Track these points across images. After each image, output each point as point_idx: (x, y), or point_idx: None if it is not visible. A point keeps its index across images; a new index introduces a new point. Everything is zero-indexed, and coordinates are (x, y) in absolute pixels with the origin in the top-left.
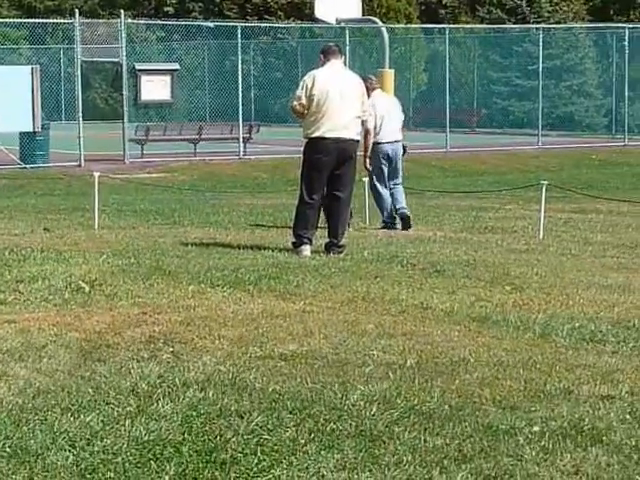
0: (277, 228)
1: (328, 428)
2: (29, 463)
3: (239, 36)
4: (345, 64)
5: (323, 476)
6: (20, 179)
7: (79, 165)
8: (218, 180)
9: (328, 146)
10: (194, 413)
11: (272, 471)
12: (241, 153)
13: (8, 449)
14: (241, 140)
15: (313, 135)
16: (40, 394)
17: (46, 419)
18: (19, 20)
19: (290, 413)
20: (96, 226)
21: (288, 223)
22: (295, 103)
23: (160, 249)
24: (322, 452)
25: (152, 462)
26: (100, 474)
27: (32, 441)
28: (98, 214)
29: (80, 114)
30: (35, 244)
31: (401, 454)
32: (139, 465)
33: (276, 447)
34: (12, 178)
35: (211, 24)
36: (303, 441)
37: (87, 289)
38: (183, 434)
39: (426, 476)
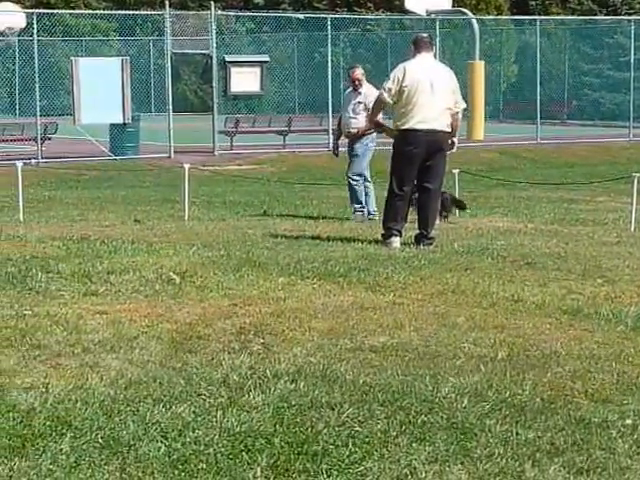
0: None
1: (419, 420)
2: (121, 454)
3: (329, 28)
4: (435, 56)
5: (415, 469)
6: (110, 171)
7: (169, 157)
8: (307, 172)
9: (419, 138)
10: (285, 405)
11: (363, 463)
12: (330, 145)
13: (101, 440)
14: (330, 132)
15: (404, 127)
16: (132, 385)
17: (138, 410)
18: (109, 12)
19: (381, 405)
20: (186, 218)
21: (377, 215)
22: (385, 95)
23: (250, 241)
24: (413, 444)
25: (244, 453)
26: (192, 465)
27: (124, 432)
28: (188, 206)
29: (170, 106)
30: (126, 235)
31: (493, 447)
32: (231, 456)
33: (367, 439)
34: (102, 170)
35: (301, 16)
36: (394, 433)
37: (178, 280)
38: (274, 425)
39: (518, 469)
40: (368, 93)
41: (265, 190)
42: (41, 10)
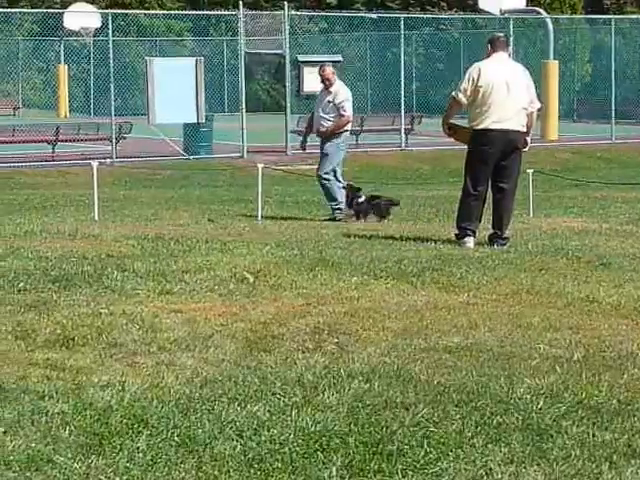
0: (439, 220)
1: (494, 421)
2: (197, 452)
3: (402, 27)
4: (509, 55)
5: (490, 470)
6: (184, 170)
7: (241, 156)
8: (379, 171)
9: (494, 138)
10: (360, 404)
11: (439, 464)
12: (403, 144)
13: (177, 438)
14: (403, 131)
15: (479, 127)
16: (207, 384)
17: (213, 409)
18: (183, 12)
19: (456, 406)
20: (259, 217)
21: (450, 215)
22: (460, 95)
23: (323, 240)
24: (489, 445)
25: (319, 453)
26: (267, 464)
27: (200, 430)
28: (261, 205)
29: (243, 106)
30: (200, 235)
31: (569, 448)
32: (306, 455)
33: (442, 440)
34: (176, 169)
35: (374, 15)
36: (469, 434)
37: (252, 280)
38: (349, 425)
39: (595, 471)
40: (338, 92)
41: None
42: (116, 10)
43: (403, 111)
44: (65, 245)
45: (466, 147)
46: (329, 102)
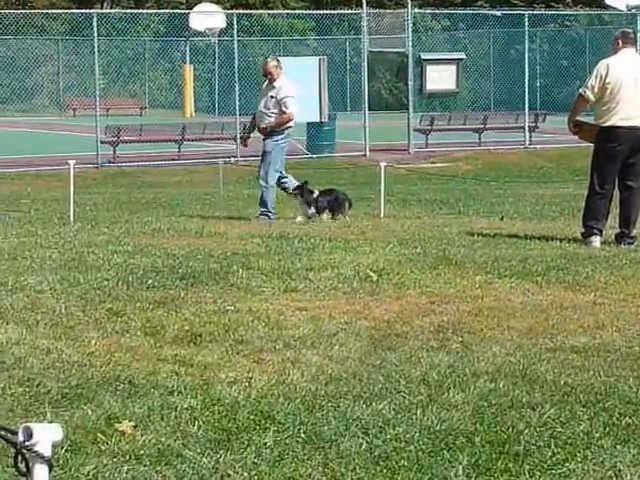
0: (564, 218)
1: (623, 422)
2: (323, 449)
3: (526, 24)
4: (637, 51)
5: (619, 471)
6: (306, 169)
7: (364, 155)
8: (503, 169)
9: (622, 135)
10: (485, 404)
11: (566, 464)
12: (526, 142)
13: (303, 435)
14: (527, 129)
15: (606, 124)
16: (332, 381)
17: (339, 406)
18: (307, 12)
19: (583, 406)
20: (382, 215)
21: (576, 213)
22: (587, 92)
23: (446, 239)
24: (617, 446)
25: (445, 451)
26: (393, 462)
27: (325, 427)
28: (384, 203)
29: (366, 104)
30: (323, 233)
31: None
32: (432, 454)
33: (570, 440)
34: (299, 168)
35: (498, 12)
36: (597, 435)
37: (375, 278)
38: (475, 424)
39: None
40: (281, 87)
41: (461, 188)
42: (241, 11)
43: (527, 109)
44: (192, 243)
45: (592, 145)
46: (272, 97)
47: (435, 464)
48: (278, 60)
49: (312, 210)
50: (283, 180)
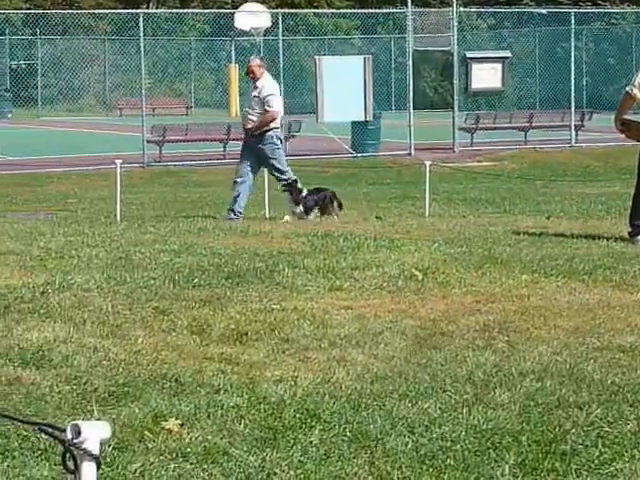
0: (611, 217)
1: None
2: (369, 448)
3: (572, 22)
4: None
5: None
6: (352, 168)
7: (409, 154)
8: (548, 168)
9: None
10: (532, 403)
11: (614, 464)
12: (572, 141)
13: (349, 433)
14: (572, 128)
15: None
16: (378, 380)
17: (384, 405)
18: (352, 11)
19: (630, 406)
20: (427, 214)
21: (622, 212)
22: (635, 90)
23: (491, 238)
24: None
25: (491, 451)
26: (439, 460)
27: (371, 426)
28: (428, 202)
29: (411, 103)
30: (368, 232)
31: None
32: (478, 453)
33: (617, 440)
34: (344, 167)
35: (544, 11)
36: None
37: (420, 277)
38: (521, 424)
39: None
40: (264, 86)
41: (506, 187)
42: (286, 10)
43: (573, 107)
44: (237, 242)
45: (639, 143)
46: (255, 97)
47: (481, 463)
48: (261, 59)
49: (300, 209)
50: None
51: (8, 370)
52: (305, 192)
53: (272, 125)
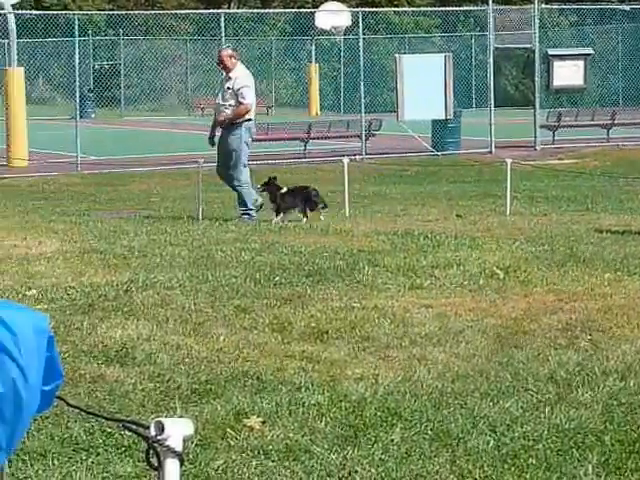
0: None
1: None
2: (450, 446)
3: None
4: None
5: None
6: (432, 166)
7: (490, 152)
8: (631, 166)
9: None
10: (615, 402)
11: None
12: None
13: (430, 432)
14: None
15: None
16: (459, 378)
17: (466, 403)
18: (432, 9)
19: None
20: (508, 212)
21: None
22: None
23: (573, 236)
24: None
25: (574, 450)
26: (521, 460)
27: (452, 425)
28: (510, 201)
29: (491, 101)
30: (448, 230)
31: None
32: (560, 452)
33: None
34: (424, 165)
35: (627, 7)
36: None
37: (501, 275)
38: (604, 423)
39: None
40: (237, 78)
41: (588, 185)
42: (366, 9)
43: None
44: (317, 240)
45: None
46: (228, 89)
47: (564, 463)
48: (233, 49)
49: (275, 207)
50: (247, 183)
51: (92, 367)
52: (284, 190)
53: (245, 117)
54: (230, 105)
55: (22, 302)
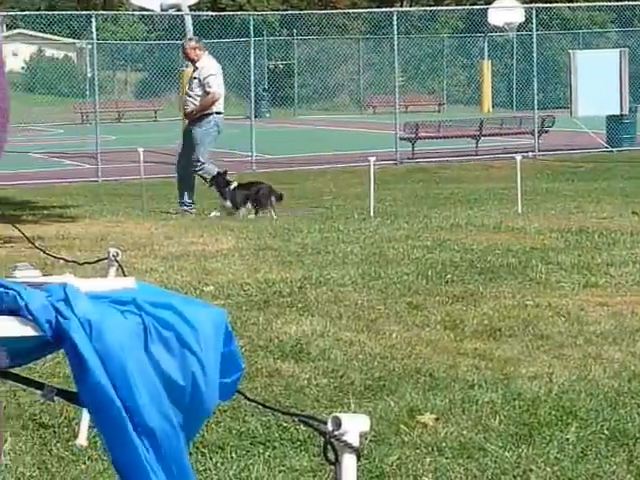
0: None
1: None
2: (627, 446)
3: None
4: None
5: None
6: (607, 162)
7: None
8: None
9: None
10: None
11: None
12: None
13: (606, 431)
14: None
15: None
16: (635, 378)
17: None
18: (607, 3)
19: None
20: None
21: None
22: None
23: None
24: None
25: None
26: None
27: (630, 424)
28: None
29: None
30: (624, 227)
31: None
32: None
33: None
34: (599, 162)
35: None
36: None
37: None
38: None
39: None
40: (203, 67)
41: None
42: (539, 5)
43: None
44: (489, 238)
45: None
46: (194, 79)
47: None
48: (197, 41)
49: (228, 204)
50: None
51: (268, 362)
52: (234, 185)
53: (214, 109)
54: (197, 95)
55: (200, 298)
